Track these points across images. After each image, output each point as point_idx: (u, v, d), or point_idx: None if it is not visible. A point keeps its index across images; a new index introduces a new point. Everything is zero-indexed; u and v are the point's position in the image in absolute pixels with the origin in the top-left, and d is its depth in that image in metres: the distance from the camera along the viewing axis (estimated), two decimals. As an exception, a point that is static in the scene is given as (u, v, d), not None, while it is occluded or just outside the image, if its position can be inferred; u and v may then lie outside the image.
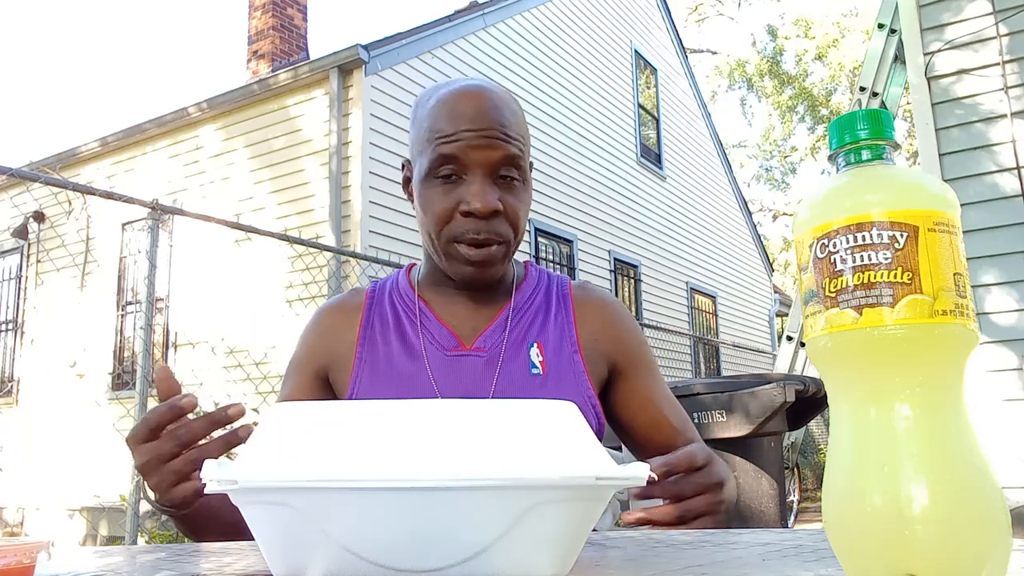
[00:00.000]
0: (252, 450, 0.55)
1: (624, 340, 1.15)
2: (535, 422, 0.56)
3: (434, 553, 0.52)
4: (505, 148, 1.01)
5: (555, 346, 1.10)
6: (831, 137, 0.50)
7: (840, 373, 0.48)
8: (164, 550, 0.82)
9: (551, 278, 1.20)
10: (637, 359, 1.15)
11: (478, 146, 1.00)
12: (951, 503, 0.43)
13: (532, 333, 1.11)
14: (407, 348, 1.10)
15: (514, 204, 1.03)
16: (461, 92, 1.03)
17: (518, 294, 1.14)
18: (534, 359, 1.09)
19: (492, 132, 1.00)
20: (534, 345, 1.09)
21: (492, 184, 1.01)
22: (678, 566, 0.60)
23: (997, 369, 3.86)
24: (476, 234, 1.01)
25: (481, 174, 1.01)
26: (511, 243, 1.05)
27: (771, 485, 4.41)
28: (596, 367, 1.12)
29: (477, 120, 1.00)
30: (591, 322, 1.14)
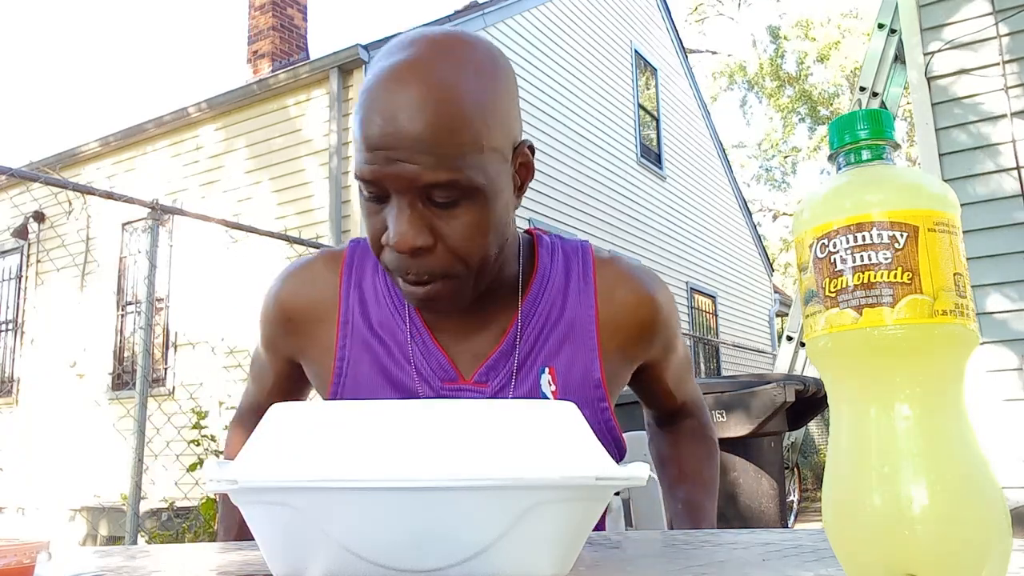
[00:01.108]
0: (252, 450, 0.55)
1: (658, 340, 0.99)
2: (535, 422, 0.56)
3: (434, 553, 0.52)
4: (421, 171, 0.76)
5: (572, 367, 0.92)
6: (831, 137, 0.51)
7: (840, 373, 0.48)
8: (164, 550, 0.82)
9: (569, 260, 0.97)
10: (665, 352, 1.01)
11: (390, 172, 0.77)
12: (951, 503, 0.43)
13: (544, 353, 0.92)
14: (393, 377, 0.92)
15: (455, 231, 0.80)
16: (377, 83, 0.78)
17: (527, 300, 0.93)
18: (546, 389, 0.91)
19: (403, 153, 0.76)
20: (545, 371, 0.92)
21: (419, 211, 0.79)
22: (678, 566, 0.60)
23: (997, 369, 3.86)
24: (404, 271, 0.82)
25: (404, 200, 0.79)
26: (460, 275, 0.83)
27: (771, 485, 4.41)
28: (620, 379, 0.98)
29: (385, 130, 0.76)
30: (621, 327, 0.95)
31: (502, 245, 0.86)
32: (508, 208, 0.85)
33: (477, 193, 0.80)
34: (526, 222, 8.31)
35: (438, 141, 0.76)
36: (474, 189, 0.79)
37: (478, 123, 0.79)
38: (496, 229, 0.84)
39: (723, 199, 13.62)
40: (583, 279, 0.96)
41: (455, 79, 0.78)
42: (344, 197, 6.50)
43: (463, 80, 0.79)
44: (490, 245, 0.83)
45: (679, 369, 1.07)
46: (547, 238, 1.00)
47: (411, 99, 0.76)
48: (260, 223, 5.77)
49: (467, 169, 0.78)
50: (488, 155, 0.80)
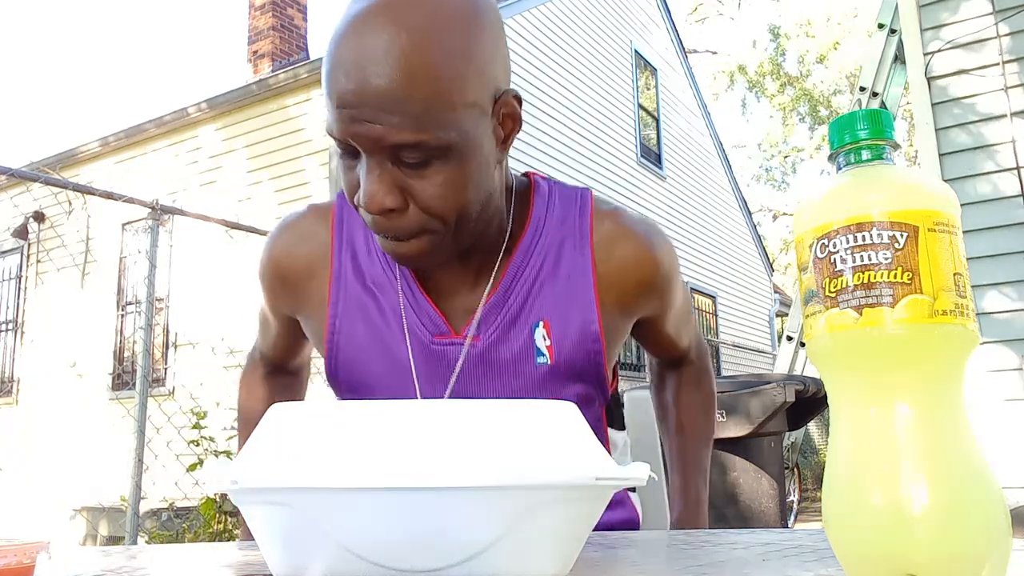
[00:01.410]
0: (252, 450, 0.55)
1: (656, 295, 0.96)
2: (535, 422, 0.56)
3: (434, 553, 0.52)
4: (387, 132, 0.72)
5: (568, 321, 0.89)
6: (831, 137, 0.51)
7: (840, 373, 0.48)
8: (164, 550, 0.82)
9: (566, 209, 0.94)
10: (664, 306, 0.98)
11: (357, 131, 0.73)
12: (951, 503, 0.43)
13: (538, 306, 0.89)
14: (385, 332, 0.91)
15: (427, 191, 0.76)
16: (346, 36, 0.73)
17: (519, 250, 0.90)
18: (540, 344, 0.88)
19: (367, 112, 0.72)
20: (540, 325, 0.89)
21: (391, 170, 0.76)
22: (678, 566, 0.60)
23: (997, 369, 3.86)
24: (378, 229, 0.80)
25: (374, 160, 0.75)
26: (437, 231, 0.79)
27: (771, 485, 4.41)
28: (618, 335, 0.96)
29: (348, 87, 0.72)
30: (619, 281, 0.91)
31: (484, 200, 0.82)
32: (488, 163, 0.81)
33: (449, 152, 0.75)
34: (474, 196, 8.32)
35: (405, 99, 0.71)
36: (446, 148, 0.75)
37: (450, 76, 0.73)
38: (475, 186, 0.79)
39: (723, 199, 13.62)
40: (580, 232, 0.92)
41: (426, 27, 0.72)
42: (344, 197, 6.50)
43: (435, 28, 0.73)
44: (469, 203, 0.80)
45: (679, 317, 1.04)
46: (544, 184, 0.96)
47: (377, 52, 0.71)
48: (260, 223, 5.77)
49: (437, 128, 0.73)
50: (462, 111, 0.75)
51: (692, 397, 1.12)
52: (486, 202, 0.83)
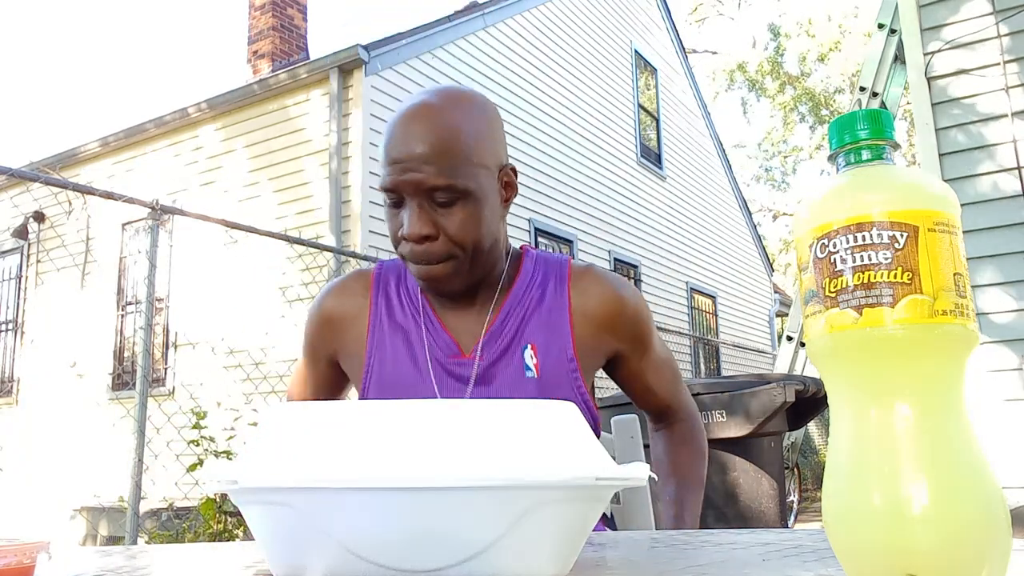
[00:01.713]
0: (252, 450, 0.55)
1: (626, 332, 1.18)
2: (535, 422, 0.56)
3: (434, 553, 0.52)
4: (427, 177, 1.03)
5: (549, 345, 1.14)
6: (831, 137, 0.50)
7: (840, 373, 0.48)
8: (164, 550, 0.82)
9: (549, 266, 1.21)
10: (636, 346, 1.19)
11: (404, 180, 1.04)
12: (951, 503, 0.43)
13: (526, 333, 1.14)
14: (412, 354, 1.15)
15: (452, 224, 1.06)
16: (400, 118, 1.07)
17: (512, 293, 1.17)
18: (528, 361, 1.13)
19: (414, 163, 1.04)
20: (528, 347, 1.13)
21: (426, 209, 1.05)
22: (678, 566, 0.60)
23: (997, 369, 3.86)
24: (416, 257, 1.07)
25: (415, 201, 1.06)
26: (458, 258, 1.07)
27: (771, 485, 4.41)
28: (592, 360, 1.17)
29: (402, 150, 1.04)
30: (591, 316, 1.16)
31: (492, 241, 1.11)
32: (495, 213, 1.11)
33: (469, 195, 1.06)
34: (526, 222, 8.32)
35: (438, 156, 1.03)
36: (466, 192, 1.05)
37: (468, 146, 1.06)
38: (486, 226, 1.09)
39: (723, 199, 13.62)
40: (559, 278, 1.19)
41: (451, 115, 1.06)
42: (344, 197, 6.50)
43: (457, 117, 1.06)
44: (482, 237, 1.08)
45: (659, 369, 1.24)
46: (533, 252, 1.24)
47: (420, 129, 1.05)
48: (260, 223, 5.77)
49: (460, 177, 1.04)
50: (478, 169, 1.07)
51: (681, 449, 1.28)
52: (493, 244, 1.12)
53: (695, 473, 1.27)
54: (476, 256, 1.09)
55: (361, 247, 6.22)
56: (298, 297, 6.13)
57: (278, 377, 5.71)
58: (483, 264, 1.11)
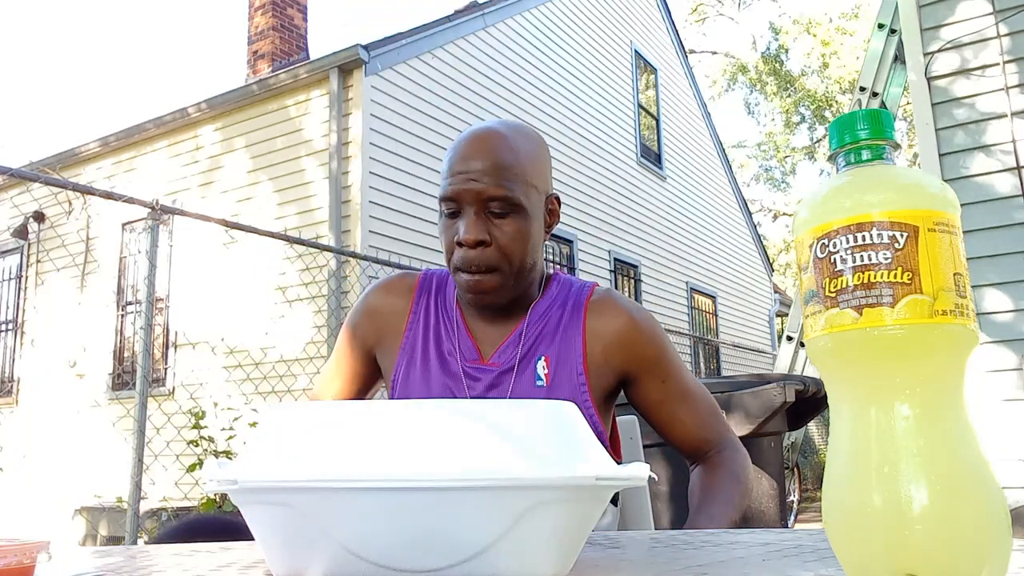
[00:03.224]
0: (252, 450, 0.55)
1: (636, 354, 1.20)
2: (535, 422, 0.56)
3: (434, 553, 0.52)
4: (487, 187, 1.12)
5: (561, 359, 1.19)
6: (831, 137, 0.50)
7: (840, 373, 0.48)
8: (164, 550, 0.82)
9: (572, 290, 1.27)
10: (649, 369, 1.21)
11: (466, 188, 1.13)
12: (951, 503, 0.43)
13: (541, 347, 1.20)
14: (441, 355, 1.22)
15: (504, 235, 1.14)
16: (466, 138, 1.17)
17: (535, 310, 1.24)
18: (540, 372, 1.19)
19: (476, 175, 1.13)
20: (541, 359, 1.20)
21: (482, 218, 1.13)
22: (678, 566, 0.60)
23: (997, 369, 3.86)
24: (468, 264, 1.14)
25: (472, 210, 1.13)
26: (504, 271, 1.15)
27: (771, 485, 4.41)
28: (602, 379, 1.20)
29: (467, 163, 1.14)
30: (602, 337, 1.21)
31: (533, 261, 1.19)
32: (540, 234, 1.20)
33: (521, 210, 1.15)
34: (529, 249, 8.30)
35: (497, 170, 1.13)
36: (519, 206, 1.14)
37: (524, 166, 1.16)
38: (531, 244, 1.17)
39: (723, 199, 13.62)
40: (578, 302, 1.25)
41: (510, 138, 1.17)
42: (344, 197, 6.50)
43: (516, 140, 1.17)
44: (527, 252, 1.17)
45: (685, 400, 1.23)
46: (563, 276, 1.30)
47: (482, 146, 1.15)
48: (260, 223, 5.77)
49: (515, 191, 1.14)
50: (530, 188, 1.16)
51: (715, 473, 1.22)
52: (532, 265, 1.19)
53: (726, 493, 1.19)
54: (520, 272, 1.17)
55: (361, 247, 6.22)
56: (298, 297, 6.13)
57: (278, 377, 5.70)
58: (523, 282, 1.19)
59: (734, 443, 1.26)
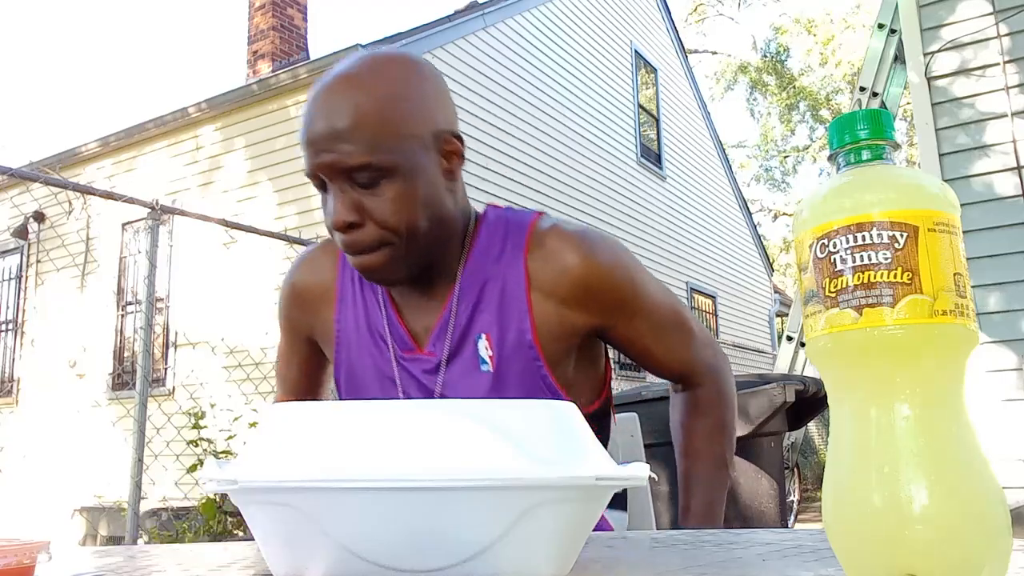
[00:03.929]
0: (252, 450, 0.55)
1: (597, 305, 1.01)
2: (535, 422, 0.56)
3: (434, 553, 0.52)
4: (342, 158, 0.91)
5: (505, 332, 0.99)
6: (831, 137, 0.50)
7: (840, 373, 0.48)
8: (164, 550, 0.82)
9: (508, 231, 1.04)
10: (616, 316, 1.03)
11: (318, 163, 0.93)
12: (951, 503, 0.43)
13: (480, 321, 1.00)
14: (376, 345, 1.06)
15: (379, 207, 0.93)
16: (313, 96, 0.96)
17: (465, 271, 1.02)
18: (483, 353, 1.00)
19: (326, 142, 0.92)
20: (482, 337, 1.00)
21: (349, 193, 0.93)
22: (678, 566, 0.60)
23: (997, 369, 3.86)
24: (347, 248, 0.96)
25: (336, 185, 0.94)
26: (394, 244, 0.95)
27: (771, 485, 4.41)
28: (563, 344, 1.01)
29: (315, 130, 0.93)
30: (552, 291, 1.00)
31: (434, 221, 0.97)
32: (435, 188, 0.97)
33: (394, 172, 0.93)
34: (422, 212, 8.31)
35: (352, 132, 0.91)
36: (391, 169, 0.92)
37: (389, 116, 0.93)
38: (422, 205, 0.95)
39: (723, 199, 13.61)
40: (516, 247, 1.02)
41: (368, 85, 0.94)
42: (344, 197, 6.49)
43: (375, 86, 0.94)
44: (417, 219, 0.95)
45: (660, 332, 1.06)
46: (494, 213, 1.07)
47: (333, 103, 0.93)
48: (260, 223, 5.77)
49: (381, 153, 0.91)
50: (403, 142, 0.93)
51: (696, 423, 1.11)
52: (437, 224, 0.98)
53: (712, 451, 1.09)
54: (414, 240, 0.95)
55: (361, 247, 6.21)
56: (298, 297, 6.12)
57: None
58: (426, 247, 0.97)
59: (716, 370, 1.12)
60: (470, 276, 1.02)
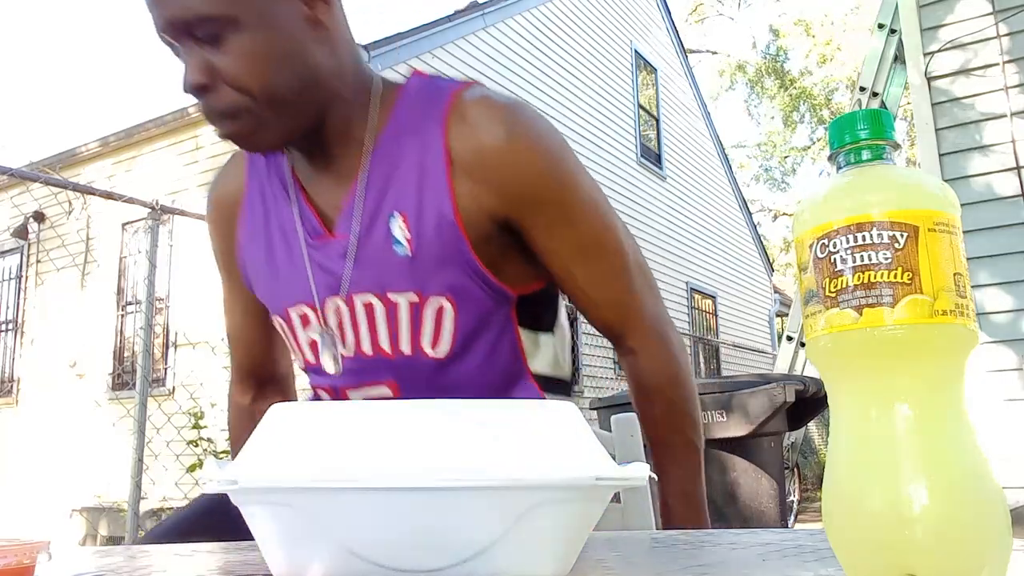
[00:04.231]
0: (252, 450, 0.55)
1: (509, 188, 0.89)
2: (535, 422, 0.56)
3: (434, 553, 0.52)
4: (176, 11, 0.82)
5: (424, 211, 0.88)
6: (831, 137, 0.50)
7: (840, 373, 0.48)
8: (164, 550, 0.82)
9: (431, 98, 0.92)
10: (532, 211, 0.90)
11: (157, 19, 0.84)
12: (951, 503, 0.43)
13: (393, 198, 0.90)
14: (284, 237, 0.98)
15: (228, 65, 0.83)
16: None
17: (377, 148, 0.91)
18: (397, 234, 0.89)
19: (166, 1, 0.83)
20: (396, 216, 0.89)
21: (197, 53, 0.84)
22: (678, 566, 0.60)
23: (997, 369, 3.86)
24: (205, 115, 0.88)
25: (184, 47, 0.85)
26: (252, 108, 0.85)
27: (771, 485, 4.41)
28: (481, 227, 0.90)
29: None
30: (468, 165, 0.88)
31: (301, 77, 0.87)
32: (295, 39, 0.86)
33: (237, 24, 0.82)
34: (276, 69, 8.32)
35: None
36: (230, 20, 0.82)
37: None
38: (280, 59, 0.85)
39: (723, 199, 13.62)
40: (436, 118, 0.90)
41: None
42: (344, 197, 6.49)
43: None
44: (274, 75, 0.85)
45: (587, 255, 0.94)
46: (419, 81, 0.96)
47: None
48: (260, 223, 5.75)
49: (216, 2, 0.81)
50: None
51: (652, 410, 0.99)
52: (307, 82, 0.87)
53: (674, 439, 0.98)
54: (277, 102, 0.85)
55: (361, 247, 6.21)
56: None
57: (278, 377, 5.70)
58: (299, 110, 0.88)
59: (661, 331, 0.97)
60: (384, 149, 0.91)
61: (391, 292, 0.91)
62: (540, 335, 1.02)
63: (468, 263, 0.90)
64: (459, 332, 0.93)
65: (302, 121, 0.89)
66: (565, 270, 0.94)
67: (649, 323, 0.98)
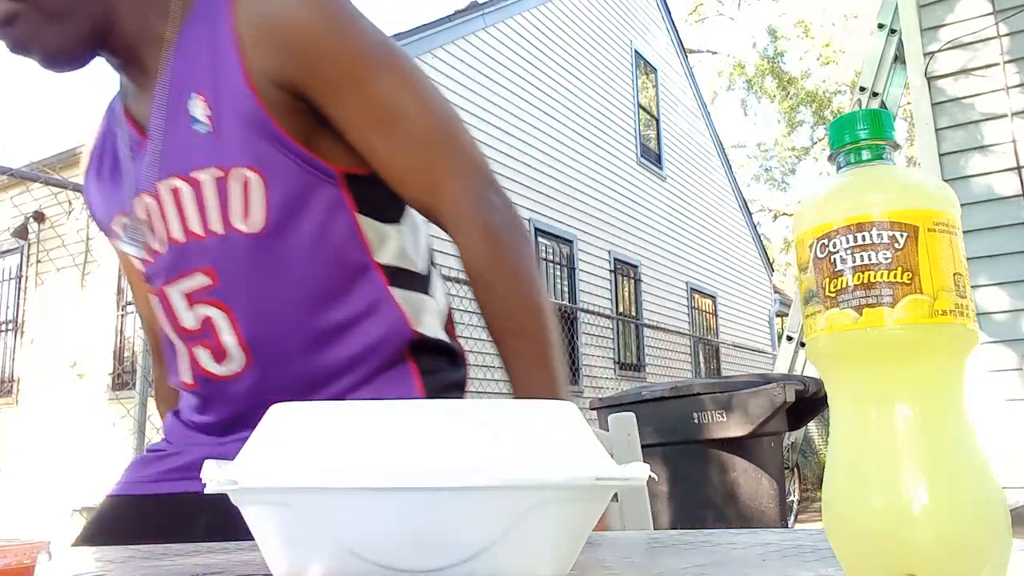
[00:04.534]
0: (252, 450, 0.55)
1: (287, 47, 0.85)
2: (535, 422, 0.56)
3: (434, 553, 0.52)
4: None
5: (219, 86, 0.87)
6: (831, 137, 0.50)
7: (840, 373, 0.48)
8: (163, 550, 0.82)
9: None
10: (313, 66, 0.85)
11: None
12: (951, 504, 0.43)
13: (192, 83, 0.89)
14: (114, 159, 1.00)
15: None
16: None
17: (178, 43, 0.90)
18: (197, 114, 0.88)
19: None
20: (195, 97, 0.88)
21: None
22: (678, 566, 0.60)
23: (997, 369, 3.86)
24: None
25: None
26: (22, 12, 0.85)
27: (771, 485, 4.41)
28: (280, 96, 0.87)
29: None
30: (252, 29, 0.86)
31: None
32: None
33: None
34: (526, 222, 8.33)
35: None
36: None
37: None
38: None
39: (723, 199, 13.62)
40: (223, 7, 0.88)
41: None
42: (344, 197, 6.50)
43: None
44: None
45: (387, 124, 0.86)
46: None
47: None
48: (260, 223, 5.75)
49: None
50: None
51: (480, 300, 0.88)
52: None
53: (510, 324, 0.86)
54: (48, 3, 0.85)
55: (361, 247, 6.21)
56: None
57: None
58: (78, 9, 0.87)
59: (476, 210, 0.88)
60: (183, 42, 0.90)
61: (194, 171, 0.89)
62: (385, 225, 0.95)
63: (272, 134, 0.86)
64: (271, 205, 0.88)
65: (83, 22, 0.88)
66: (365, 143, 0.87)
67: (464, 198, 0.88)
